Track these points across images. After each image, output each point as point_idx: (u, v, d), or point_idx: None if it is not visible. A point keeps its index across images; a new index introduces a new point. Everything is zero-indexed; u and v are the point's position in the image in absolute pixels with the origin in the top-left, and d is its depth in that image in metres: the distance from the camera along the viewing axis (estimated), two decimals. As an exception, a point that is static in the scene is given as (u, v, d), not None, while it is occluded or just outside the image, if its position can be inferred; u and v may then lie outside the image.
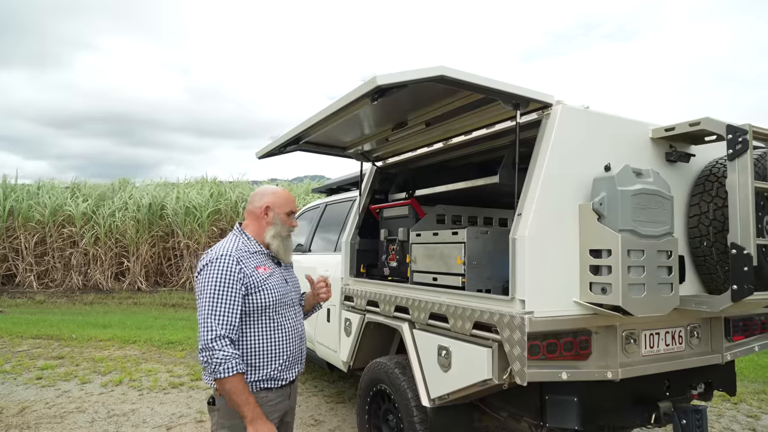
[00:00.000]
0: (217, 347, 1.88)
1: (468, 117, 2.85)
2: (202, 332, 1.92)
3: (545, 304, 2.25)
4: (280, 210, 2.19)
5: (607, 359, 2.43)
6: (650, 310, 2.26)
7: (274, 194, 2.22)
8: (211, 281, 1.97)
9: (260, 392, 2.03)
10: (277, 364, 2.07)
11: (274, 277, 2.13)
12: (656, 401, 2.67)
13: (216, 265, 1.99)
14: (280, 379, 2.09)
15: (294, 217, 2.25)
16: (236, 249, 2.08)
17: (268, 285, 2.07)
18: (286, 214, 2.20)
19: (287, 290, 2.18)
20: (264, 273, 2.09)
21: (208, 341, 1.89)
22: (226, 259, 2.01)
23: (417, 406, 2.87)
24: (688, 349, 2.75)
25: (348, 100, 2.27)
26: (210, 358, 1.88)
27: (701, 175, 2.76)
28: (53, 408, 4.50)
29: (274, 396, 2.08)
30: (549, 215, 2.30)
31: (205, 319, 1.93)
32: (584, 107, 2.48)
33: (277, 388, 2.09)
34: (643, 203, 2.27)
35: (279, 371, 2.07)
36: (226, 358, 1.88)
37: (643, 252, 2.25)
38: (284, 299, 2.13)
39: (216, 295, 1.95)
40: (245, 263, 2.05)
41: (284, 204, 2.22)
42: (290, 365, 2.13)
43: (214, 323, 1.91)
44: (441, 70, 2.11)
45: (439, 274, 2.94)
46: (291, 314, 2.17)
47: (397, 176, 3.96)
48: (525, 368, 2.17)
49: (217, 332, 1.90)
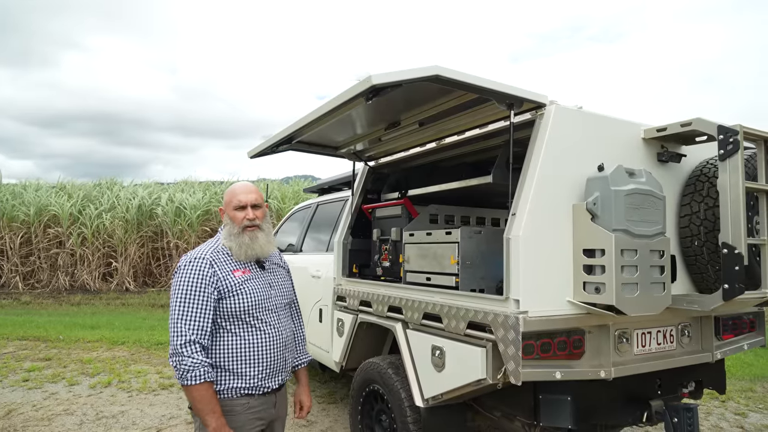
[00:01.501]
0: (186, 353, 1.84)
1: (461, 117, 2.85)
2: (171, 337, 1.88)
3: (539, 304, 2.25)
4: (228, 207, 2.10)
5: (600, 358, 2.44)
6: (643, 310, 2.28)
7: (227, 192, 2.13)
8: (183, 284, 1.92)
9: (242, 398, 1.99)
10: (257, 371, 2.01)
11: (253, 281, 2.06)
12: (648, 400, 2.69)
13: (188, 268, 1.95)
14: (262, 387, 2.03)
15: (248, 211, 2.06)
16: (213, 251, 2.03)
17: (244, 289, 2.01)
18: (233, 210, 2.07)
19: (271, 294, 2.10)
20: (241, 276, 2.03)
21: (177, 346, 1.85)
22: (199, 261, 1.97)
23: (410, 406, 2.86)
24: (679, 347, 2.77)
25: (342, 100, 2.25)
26: (178, 364, 1.84)
27: (692, 175, 2.78)
28: (40, 410, 4.44)
29: (257, 403, 2.03)
30: (543, 215, 2.31)
31: (175, 323, 1.88)
32: (577, 107, 2.49)
33: (260, 395, 2.04)
34: (636, 203, 2.28)
35: (260, 379, 2.02)
36: (194, 365, 1.84)
37: (636, 251, 2.26)
38: (264, 304, 2.05)
39: (186, 299, 1.90)
40: (220, 266, 2.00)
41: (229, 200, 2.09)
42: (273, 373, 2.06)
43: (184, 328, 1.87)
44: (436, 70, 2.10)
45: (432, 273, 2.94)
46: (273, 320, 2.08)
47: (389, 176, 3.95)
48: (519, 368, 2.17)
49: (186, 337, 1.86)
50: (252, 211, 2.08)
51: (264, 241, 2.10)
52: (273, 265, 2.24)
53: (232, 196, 2.10)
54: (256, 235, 2.08)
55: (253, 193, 2.12)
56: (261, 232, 2.09)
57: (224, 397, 1.98)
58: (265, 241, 2.11)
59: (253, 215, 2.08)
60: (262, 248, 2.10)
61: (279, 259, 2.33)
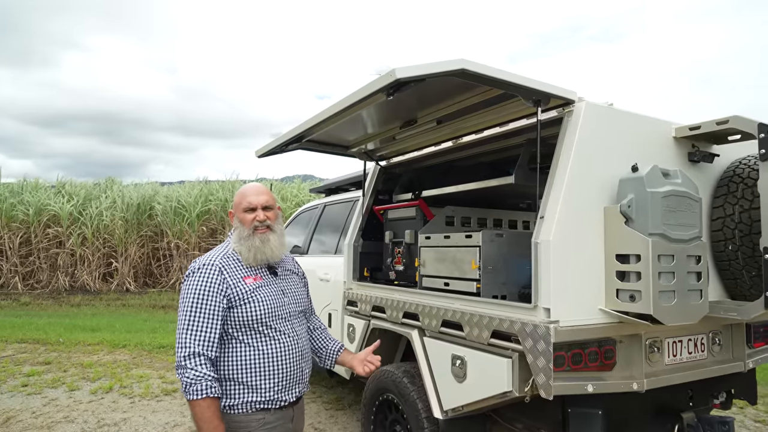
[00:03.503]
0: (190, 366, 1.74)
1: (481, 115, 2.72)
2: (177, 348, 1.77)
3: (570, 313, 2.12)
4: (237, 210, 1.99)
5: (631, 369, 2.31)
6: (681, 319, 2.15)
7: (236, 194, 2.03)
8: (191, 293, 1.82)
9: (257, 413, 1.87)
10: (272, 383, 1.88)
11: (266, 288, 1.94)
12: (679, 412, 2.57)
13: (197, 276, 1.84)
14: (278, 400, 1.90)
15: (259, 213, 1.97)
16: (223, 257, 1.92)
17: (256, 297, 1.89)
18: (243, 212, 1.97)
19: (284, 302, 1.98)
20: (252, 284, 1.91)
21: (181, 358, 1.75)
22: (208, 268, 1.86)
23: (428, 417, 2.73)
24: (710, 356, 2.64)
25: (363, 95, 2.12)
26: (182, 377, 1.74)
27: (724, 176, 2.65)
28: (40, 417, 4.31)
29: (273, 418, 1.90)
30: (573, 218, 2.17)
31: (181, 334, 1.78)
32: (608, 104, 2.36)
33: (276, 410, 1.91)
34: (672, 205, 2.15)
35: (276, 392, 1.89)
36: (197, 379, 1.73)
37: (673, 257, 2.13)
38: (278, 312, 1.94)
39: (193, 309, 1.80)
40: (230, 273, 1.88)
41: (239, 202, 1.99)
42: (289, 386, 1.93)
43: (189, 339, 1.77)
44: (462, 64, 1.97)
45: (451, 279, 2.80)
46: (288, 328, 1.97)
47: (401, 176, 3.82)
48: (551, 381, 2.03)
49: (191, 349, 1.76)
50: (263, 213, 1.97)
51: (276, 244, 1.98)
52: (286, 272, 2.12)
53: (242, 197, 2.00)
54: (267, 237, 1.96)
55: (264, 194, 2.02)
56: (273, 234, 1.98)
57: (238, 412, 1.86)
58: (277, 244, 1.99)
59: (263, 216, 1.97)
60: (273, 251, 1.97)
61: (293, 265, 2.20)
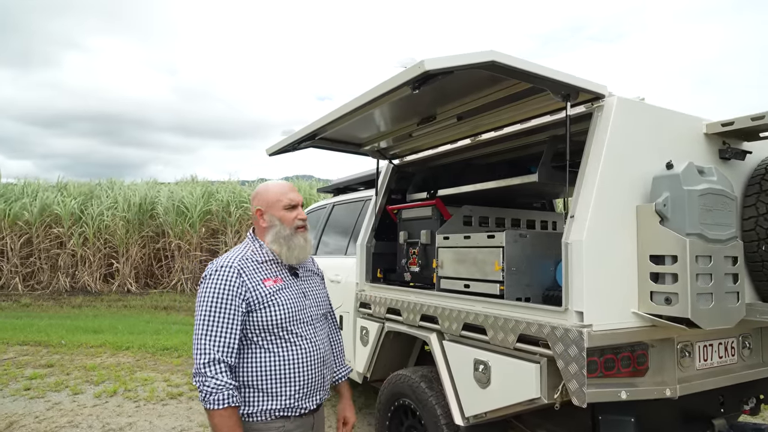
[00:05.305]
0: (210, 374, 1.65)
1: (504, 110, 2.63)
2: (195, 355, 1.68)
3: (603, 316, 2.03)
4: (274, 208, 1.90)
5: (663, 375, 2.22)
6: (719, 323, 2.06)
7: (265, 191, 1.93)
8: (208, 296, 1.73)
9: (276, 421, 1.78)
10: (293, 390, 1.80)
11: (287, 290, 1.86)
12: (710, 419, 2.48)
13: (214, 278, 1.75)
14: (299, 407, 1.82)
15: (299, 210, 1.91)
16: (242, 258, 1.83)
17: (276, 300, 1.80)
18: (283, 210, 1.89)
19: (305, 305, 1.90)
20: (273, 286, 1.83)
21: (200, 366, 1.67)
22: (226, 270, 1.77)
23: (447, 423, 2.63)
24: (740, 361, 2.55)
25: (388, 87, 2.02)
26: (201, 385, 1.65)
27: (756, 174, 2.56)
28: (43, 422, 4.21)
29: (293, 426, 1.82)
30: (605, 218, 2.08)
31: (199, 339, 1.69)
32: (640, 99, 2.27)
33: (297, 417, 1.82)
34: (709, 204, 2.06)
35: (296, 399, 1.80)
36: (218, 388, 1.64)
37: (711, 258, 2.04)
38: (299, 315, 1.86)
39: (212, 313, 1.71)
40: (249, 275, 1.80)
41: (276, 199, 1.90)
42: (310, 392, 1.85)
43: (208, 345, 1.68)
44: (492, 56, 1.88)
45: (472, 280, 2.70)
46: (310, 333, 1.88)
47: (414, 175, 3.72)
48: (584, 388, 1.94)
49: (211, 356, 1.67)
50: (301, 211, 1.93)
51: (312, 243, 1.99)
52: (307, 272, 2.03)
53: (281, 195, 1.90)
54: (307, 236, 1.92)
55: (298, 192, 1.96)
56: (309, 234, 1.95)
57: (257, 420, 1.77)
58: (311, 245, 1.98)
59: (303, 215, 1.92)
60: (308, 252, 1.96)
61: (313, 266, 2.11)
